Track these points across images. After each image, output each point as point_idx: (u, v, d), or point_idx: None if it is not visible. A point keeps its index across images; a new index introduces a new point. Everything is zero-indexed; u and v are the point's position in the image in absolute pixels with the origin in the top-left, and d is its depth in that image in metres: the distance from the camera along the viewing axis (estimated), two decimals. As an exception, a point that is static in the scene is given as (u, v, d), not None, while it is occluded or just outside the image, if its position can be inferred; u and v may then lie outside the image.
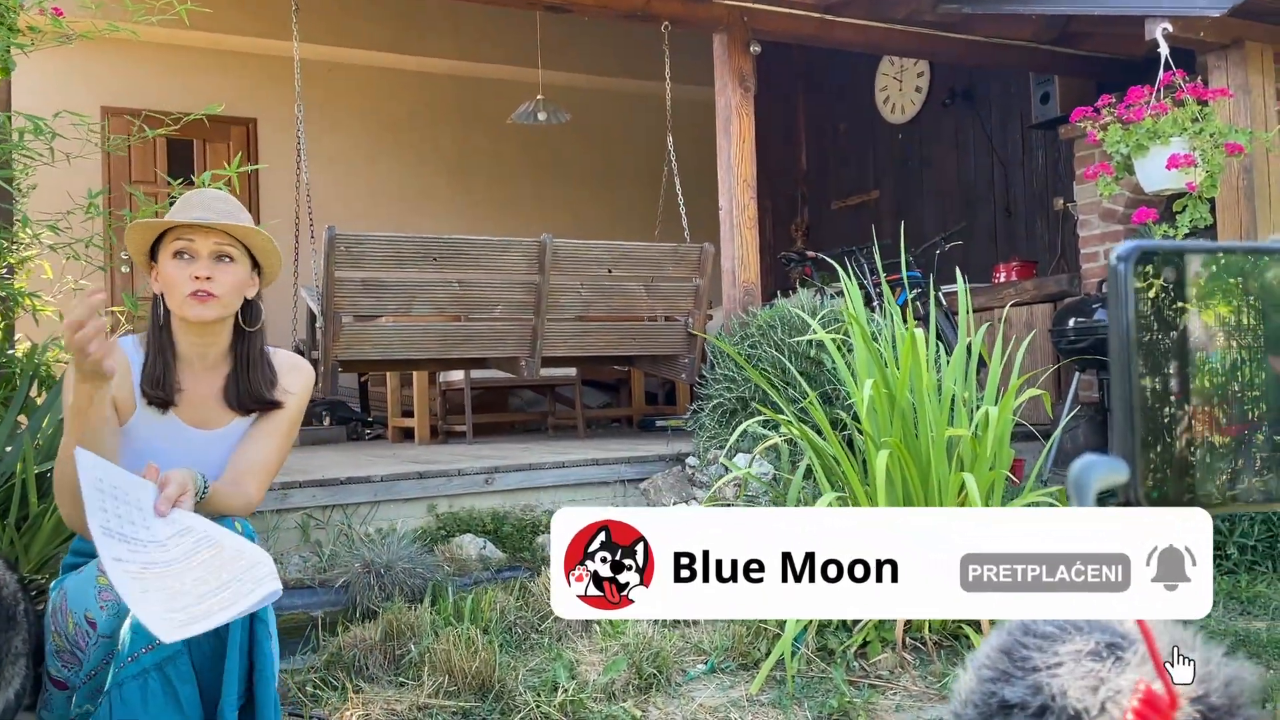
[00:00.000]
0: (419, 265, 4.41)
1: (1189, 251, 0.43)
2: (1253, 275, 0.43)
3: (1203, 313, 0.42)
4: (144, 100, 7.03)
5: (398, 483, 4.12)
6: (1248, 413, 0.43)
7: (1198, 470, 0.42)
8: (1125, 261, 0.42)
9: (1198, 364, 0.42)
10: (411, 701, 2.68)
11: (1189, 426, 0.42)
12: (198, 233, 2.02)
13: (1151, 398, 0.42)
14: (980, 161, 7.88)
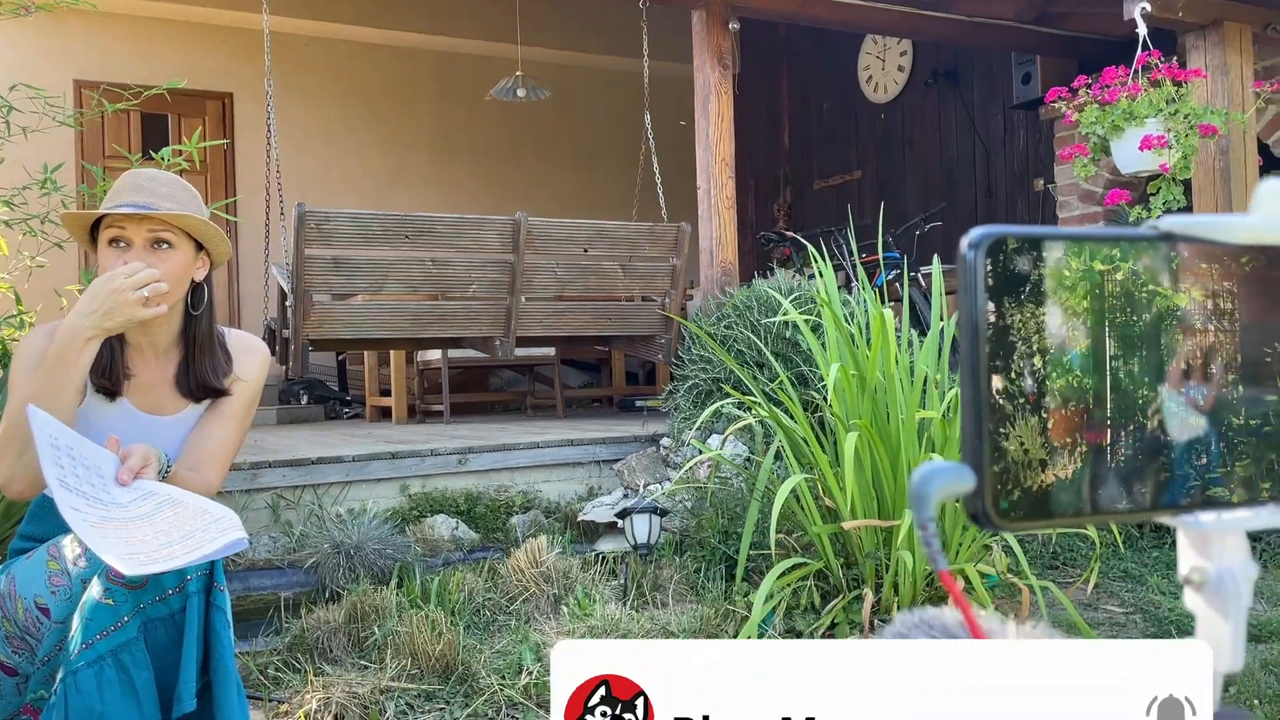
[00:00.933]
0: (391, 243, 4.36)
1: (1048, 239, 0.39)
2: (1120, 265, 0.40)
3: (1063, 306, 0.39)
4: (118, 74, 6.92)
5: (370, 463, 4.09)
6: (1110, 416, 0.39)
7: (1053, 480, 0.39)
8: (975, 249, 0.38)
9: (1056, 363, 0.38)
10: (374, 684, 2.66)
11: (1044, 431, 0.38)
12: (129, 220, 1.94)
13: (1003, 400, 0.38)
14: (962, 142, 7.85)
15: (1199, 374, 0.41)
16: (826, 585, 3.27)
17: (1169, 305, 0.40)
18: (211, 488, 2.01)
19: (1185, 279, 0.41)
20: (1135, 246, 0.40)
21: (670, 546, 3.62)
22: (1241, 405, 0.41)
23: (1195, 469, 0.41)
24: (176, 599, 1.90)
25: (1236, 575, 0.42)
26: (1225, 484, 0.42)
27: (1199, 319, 0.41)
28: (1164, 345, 0.40)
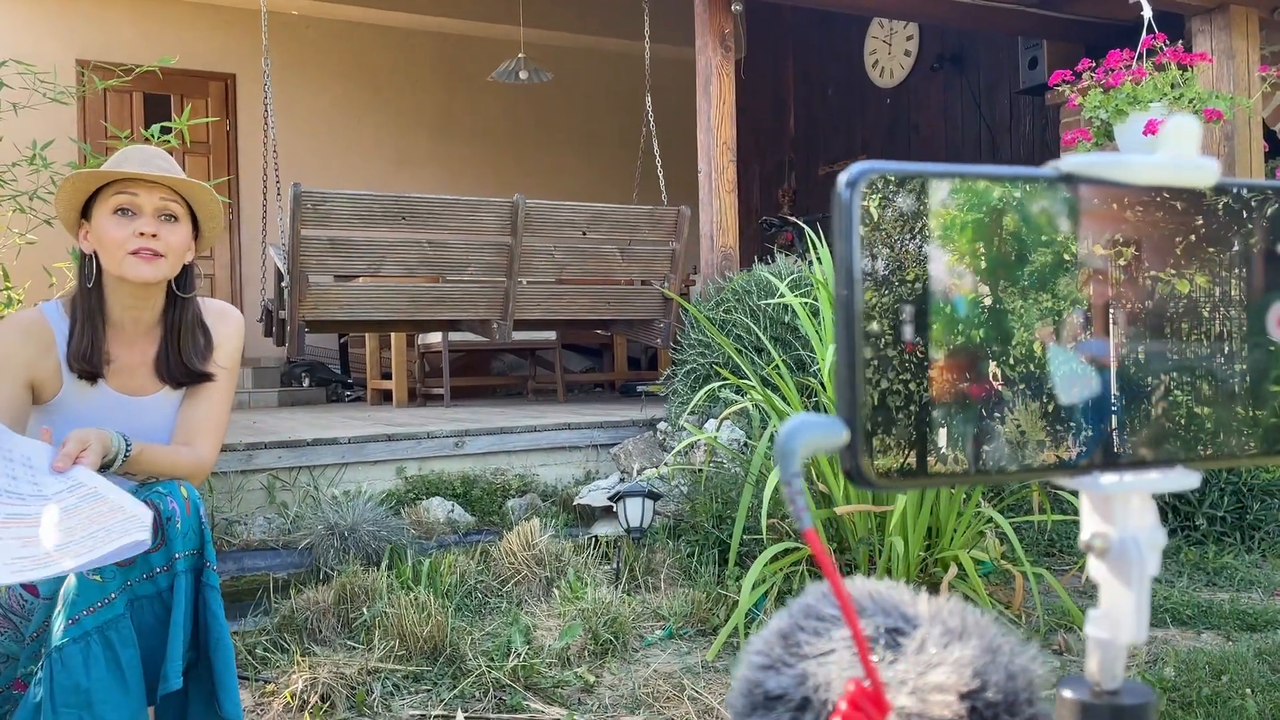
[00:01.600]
0: (388, 224, 4.33)
1: (933, 176, 0.35)
2: (1015, 207, 0.36)
3: (949, 250, 0.35)
4: (121, 54, 6.91)
5: (366, 445, 4.08)
6: (1000, 369, 0.36)
7: (935, 435, 0.36)
8: (851, 188, 0.35)
9: (940, 311, 0.35)
10: (361, 665, 2.65)
11: (926, 384, 0.35)
12: (142, 188, 1.92)
13: (880, 350, 0.35)
14: (968, 127, 7.79)
15: (1101, 325, 0.38)
16: (819, 570, 3.25)
17: (1069, 251, 0.37)
18: (204, 460, 2.00)
19: (1088, 223, 0.37)
20: (1033, 187, 0.37)
21: (665, 531, 3.61)
22: (1147, 359, 0.38)
23: (1095, 427, 0.38)
24: (164, 577, 1.90)
25: (1141, 542, 0.39)
26: (1129, 443, 0.38)
27: (1102, 266, 0.38)
28: (1062, 294, 0.37)
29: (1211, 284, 0.39)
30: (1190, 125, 0.38)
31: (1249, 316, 0.40)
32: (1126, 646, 0.39)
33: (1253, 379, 0.40)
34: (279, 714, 2.53)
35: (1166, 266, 0.38)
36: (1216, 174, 0.38)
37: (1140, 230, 0.38)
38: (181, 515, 1.91)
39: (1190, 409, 0.39)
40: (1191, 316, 0.39)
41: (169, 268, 1.97)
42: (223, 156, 7.72)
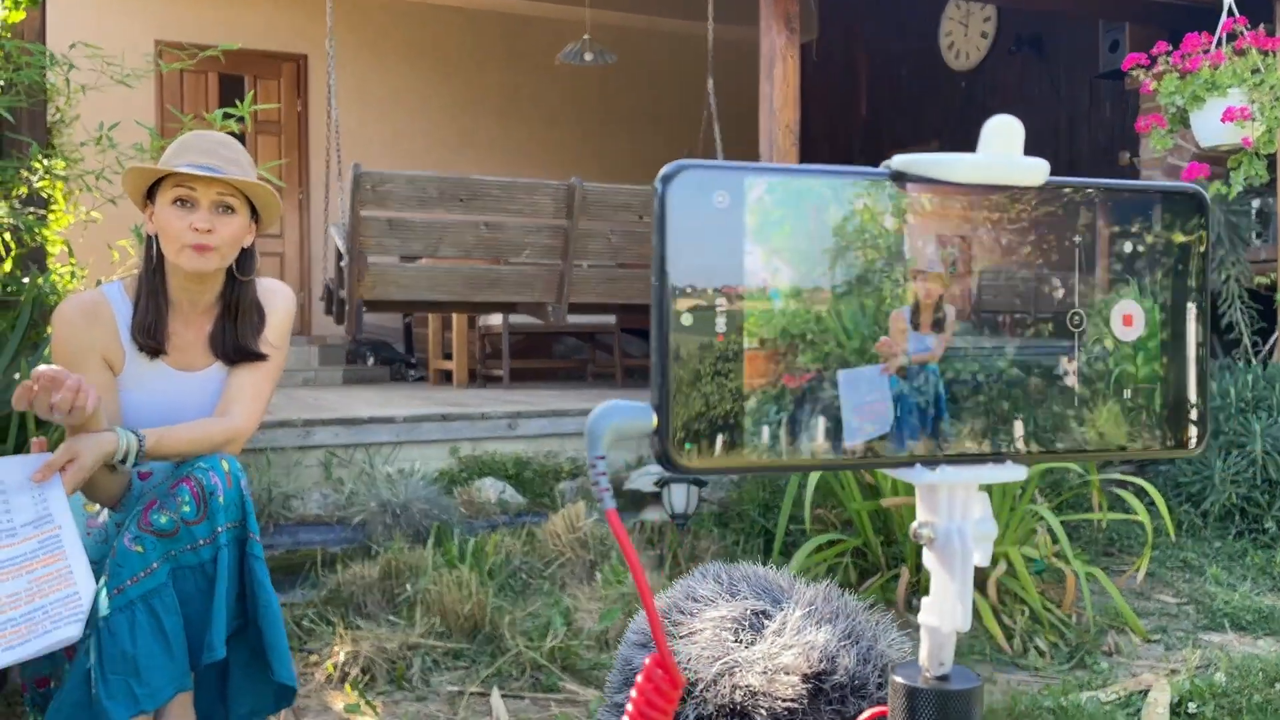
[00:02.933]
0: (446, 206, 4.36)
1: (748, 173, 0.36)
2: (834, 204, 0.37)
3: (765, 245, 0.36)
4: (198, 34, 7.06)
5: (421, 424, 4.13)
6: (816, 361, 0.37)
7: (748, 424, 0.36)
8: (666, 182, 0.36)
9: (755, 303, 0.36)
10: (402, 640, 2.69)
11: (736, 373, 0.36)
12: (199, 181, 1.97)
13: (692, 339, 0.35)
14: (1045, 113, 7.58)
15: (928, 320, 0.38)
16: (865, 563, 3.21)
17: (893, 246, 0.37)
18: (238, 427, 2.01)
19: (916, 220, 0.38)
20: (857, 184, 0.38)
21: (711, 518, 3.59)
22: (975, 355, 0.38)
23: (920, 420, 0.38)
24: (207, 549, 1.94)
25: (966, 532, 0.39)
26: (955, 437, 0.39)
27: (931, 263, 0.38)
28: (886, 288, 0.37)
29: (1047, 282, 0.39)
30: (1014, 125, 0.39)
31: (1090, 315, 0.39)
32: (953, 633, 0.40)
33: (1093, 376, 0.40)
34: (320, 685, 2.58)
35: (999, 264, 0.38)
36: (1045, 173, 0.38)
37: (971, 228, 0.38)
38: (223, 489, 1.95)
39: (1021, 405, 0.39)
40: (1025, 314, 0.39)
41: (221, 259, 2.01)
42: (294, 137, 7.86)
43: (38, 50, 2.92)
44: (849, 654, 0.50)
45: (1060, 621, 2.89)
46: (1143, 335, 0.40)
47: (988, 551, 0.40)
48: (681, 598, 0.55)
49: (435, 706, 2.46)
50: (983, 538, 0.40)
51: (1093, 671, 2.62)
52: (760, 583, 0.54)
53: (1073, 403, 0.39)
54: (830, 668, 0.49)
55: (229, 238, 2.00)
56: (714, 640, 0.51)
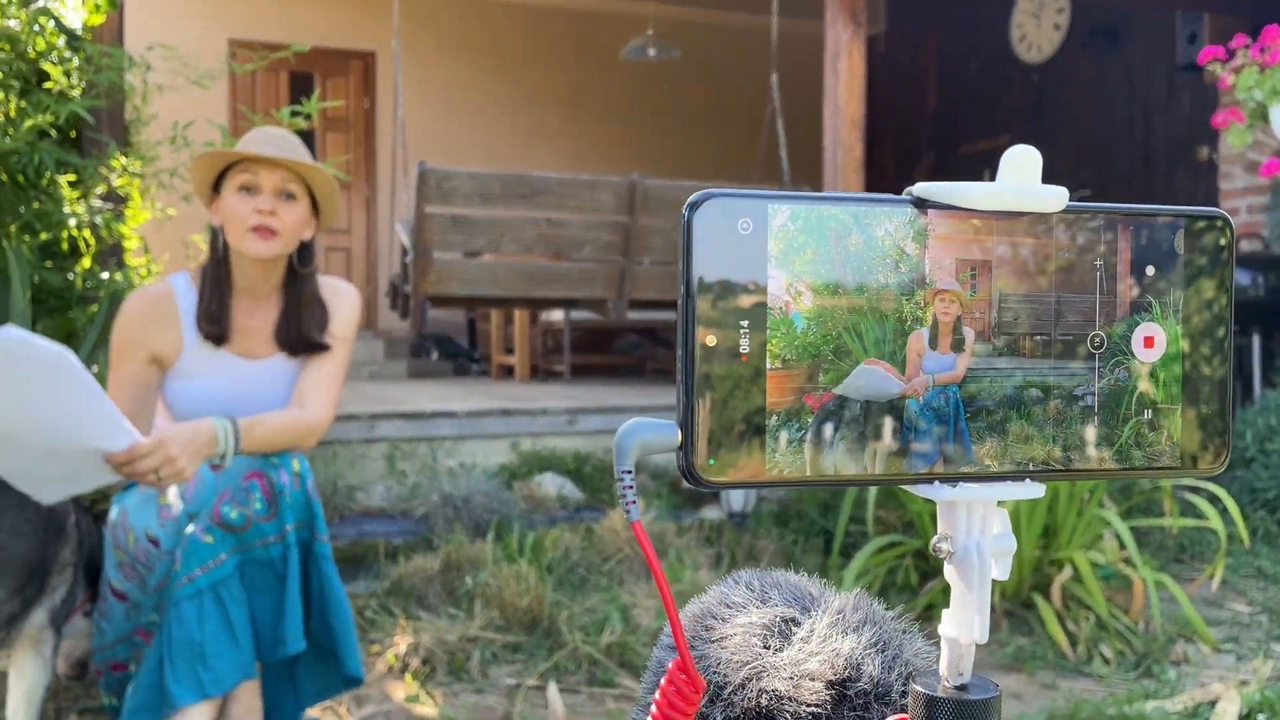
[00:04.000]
0: (508, 203, 4.41)
1: (772, 201, 0.37)
2: (859, 229, 0.38)
3: (788, 269, 0.37)
4: (270, 32, 7.21)
5: (482, 419, 4.18)
6: (838, 381, 0.38)
7: (770, 441, 0.38)
8: (692, 209, 0.37)
9: (778, 325, 0.37)
10: (461, 633, 2.73)
11: (760, 393, 0.37)
12: (263, 167, 2.03)
13: (717, 359, 0.37)
14: (1119, 106, 7.39)
15: (948, 341, 0.39)
16: (927, 565, 3.17)
17: (913, 270, 0.38)
18: (312, 420, 2.05)
19: (937, 245, 0.39)
20: (879, 211, 0.38)
21: (771, 518, 3.58)
22: (994, 375, 0.39)
23: (940, 439, 0.39)
24: (276, 547, 2.00)
25: (984, 547, 0.40)
26: (974, 455, 0.40)
27: (951, 286, 0.39)
28: (906, 310, 0.38)
29: (1068, 304, 0.40)
30: (1032, 155, 0.39)
31: (1110, 336, 0.40)
32: (971, 645, 0.41)
33: (1113, 397, 0.40)
34: (382, 675, 2.63)
35: (1019, 287, 0.39)
36: (1064, 200, 0.39)
37: (991, 253, 0.39)
38: (291, 489, 2.01)
39: (1040, 425, 0.40)
40: (1045, 335, 0.40)
41: (283, 245, 2.06)
42: (361, 133, 7.99)
43: (117, 53, 3.01)
44: (874, 662, 0.51)
45: (1127, 629, 2.83)
46: (1164, 357, 0.40)
47: (1006, 566, 0.41)
48: (715, 603, 0.57)
49: (493, 699, 2.49)
50: (1002, 553, 0.41)
51: (1159, 681, 2.57)
52: (791, 590, 0.56)
53: (1093, 423, 0.40)
54: (855, 675, 0.51)
55: (291, 223, 2.05)
56: (743, 646, 0.53)
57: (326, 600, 2.06)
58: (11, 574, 1.79)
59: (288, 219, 2.05)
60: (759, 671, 0.51)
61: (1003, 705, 0.41)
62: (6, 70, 2.72)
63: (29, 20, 2.76)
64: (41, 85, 2.88)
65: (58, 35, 2.88)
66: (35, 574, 1.87)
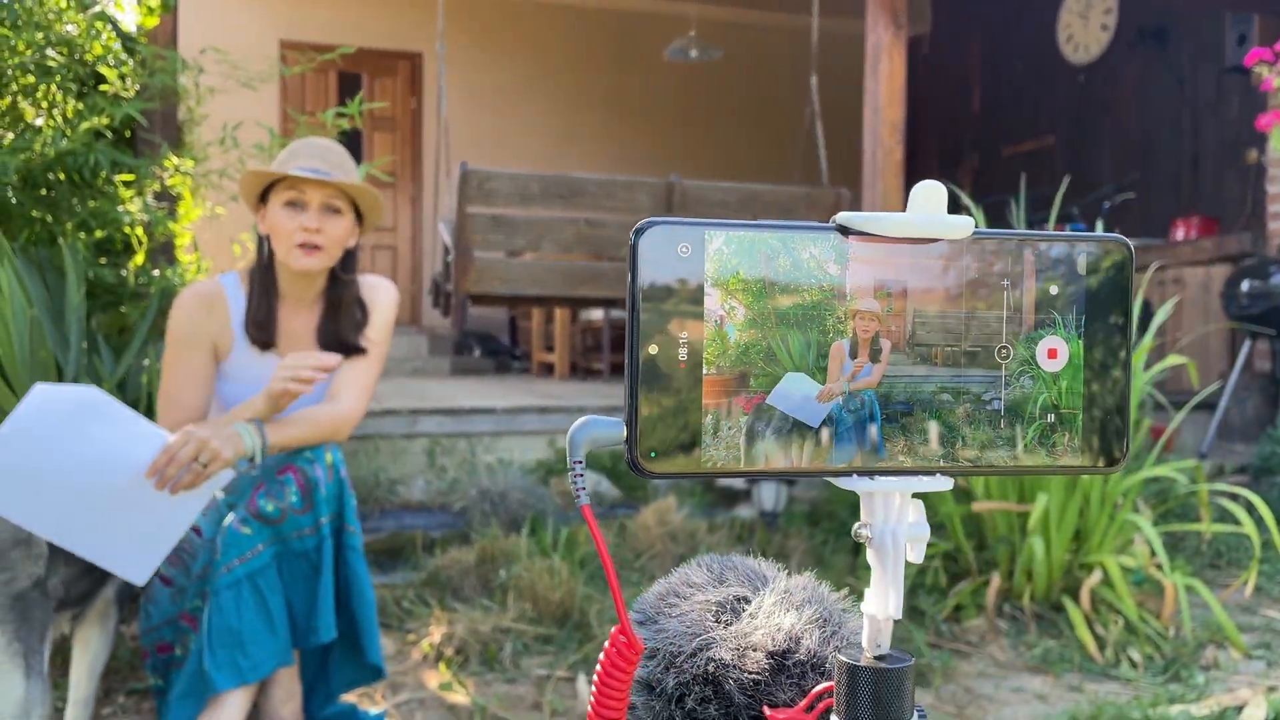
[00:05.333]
0: (547, 203, 4.47)
1: (708, 228, 0.42)
2: (786, 253, 0.42)
3: (719, 287, 0.42)
4: (320, 34, 7.35)
5: (520, 415, 4.25)
6: (765, 384, 0.42)
7: (706, 437, 0.42)
8: (638, 235, 0.42)
9: (713, 335, 0.42)
10: (495, 624, 2.80)
11: (695, 394, 0.42)
12: (309, 184, 2.10)
13: (657, 365, 0.42)
14: (1167, 107, 7.30)
15: (866, 351, 0.43)
16: (956, 567, 3.19)
17: (836, 288, 0.43)
18: (345, 413, 2.12)
19: (856, 267, 0.43)
20: (805, 236, 0.42)
21: (802, 518, 3.61)
22: (908, 382, 0.44)
23: (859, 437, 0.43)
24: (311, 539, 2.07)
25: (899, 534, 0.45)
26: (889, 452, 0.44)
27: (871, 303, 0.43)
28: (829, 324, 0.43)
29: (976, 319, 0.44)
30: (938, 189, 0.43)
31: (1017, 348, 0.44)
32: (889, 620, 0.46)
33: (1018, 403, 0.44)
34: (417, 663, 2.70)
35: (931, 304, 0.43)
36: (971, 228, 0.43)
37: (906, 273, 0.43)
38: (325, 482, 2.07)
39: (949, 427, 0.44)
40: (955, 347, 0.44)
41: (328, 258, 2.13)
42: (407, 133, 8.11)
43: (171, 55, 3.11)
44: (812, 636, 0.57)
45: (1157, 633, 2.83)
46: (1066, 367, 0.44)
47: (921, 550, 0.46)
48: (678, 583, 0.63)
49: (524, 688, 2.55)
50: (916, 539, 0.45)
51: (1187, 685, 2.56)
52: (747, 572, 0.62)
53: (999, 425, 0.44)
54: (794, 647, 0.56)
55: (335, 238, 2.12)
56: (697, 621, 0.58)
57: (351, 590, 2.13)
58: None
59: (332, 233, 2.12)
60: (708, 643, 0.57)
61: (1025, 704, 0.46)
62: (64, 74, 2.82)
63: (87, 25, 2.86)
64: (98, 88, 2.98)
65: (114, 39, 2.98)
66: None
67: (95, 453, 1.74)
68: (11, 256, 2.50)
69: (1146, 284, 5.17)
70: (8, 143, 2.70)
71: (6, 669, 1.60)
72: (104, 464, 1.76)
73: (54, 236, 2.82)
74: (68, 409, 1.68)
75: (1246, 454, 4.60)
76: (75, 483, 1.73)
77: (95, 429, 1.72)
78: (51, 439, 1.68)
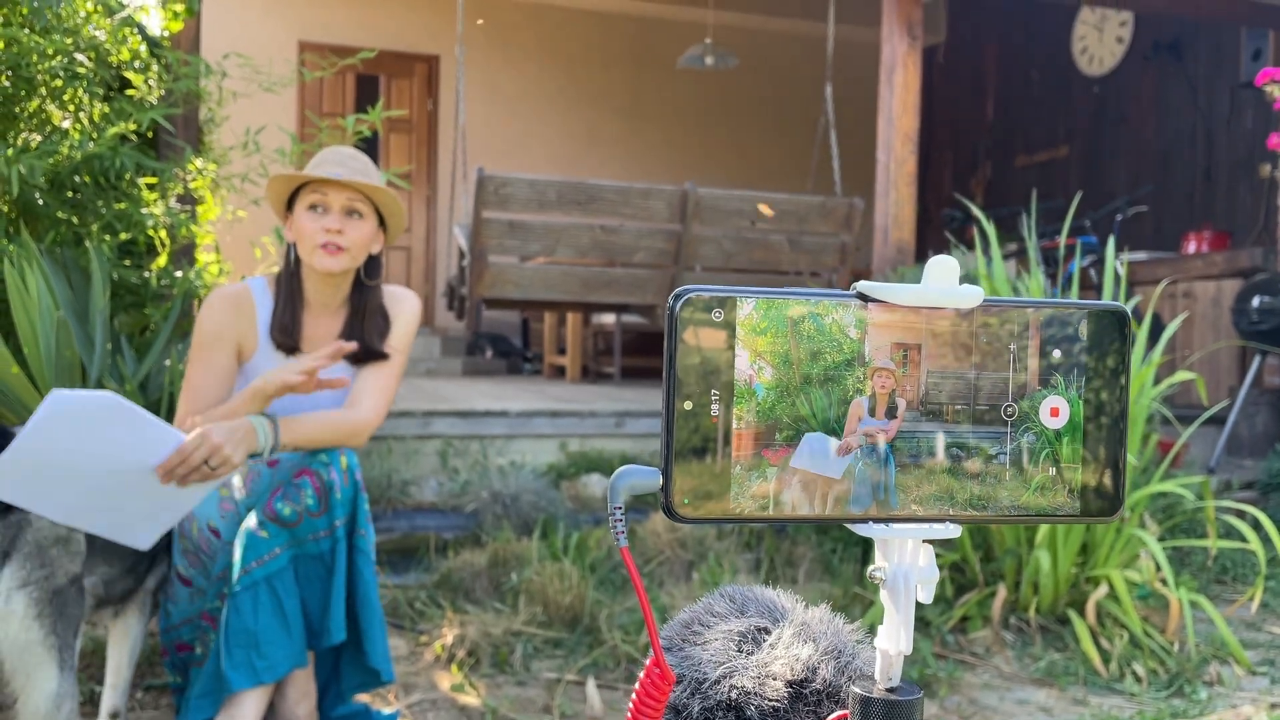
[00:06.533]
0: (563, 209, 4.51)
1: (740, 295, 0.46)
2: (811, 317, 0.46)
3: (752, 349, 0.45)
4: (339, 35, 7.42)
5: (532, 419, 4.28)
6: (791, 439, 0.46)
7: (737, 486, 0.46)
8: (676, 301, 0.46)
9: (743, 393, 0.45)
10: (506, 627, 2.83)
11: (726, 447, 0.46)
12: (331, 188, 2.15)
13: (693, 419, 0.45)
14: (1181, 121, 7.31)
15: (883, 409, 0.47)
16: (963, 578, 3.21)
17: (856, 350, 0.47)
18: (363, 419, 2.16)
19: (874, 331, 0.47)
20: (829, 303, 0.46)
21: (810, 525, 3.64)
22: (921, 436, 0.48)
23: (875, 487, 0.47)
24: (326, 541, 2.11)
25: (910, 577, 0.49)
26: (902, 501, 0.48)
27: (887, 364, 0.47)
28: (849, 383, 0.47)
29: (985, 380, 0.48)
30: (950, 263, 0.47)
31: (1022, 406, 0.48)
32: (900, 655, 0.49)
33: (1023, 457, 0.48)
34: (429, 664, 2.74)
35: (944, 365, 0.47)
36: (980, 298, 0.47)
37: (921, 337, 0.47)
38: (340, 485, 2.12)
39: (958, 479, 0.48)
40: (965, 405, 0.48)
41: (351, 260, 2.18)
42: (424, 135, 8.16)
43: (194, 61, 3.15)
44: (828, 667, 0.61)
45: (1162, 648, 2.85)
46: (1067, 425, 0.48)
47: (930, 592, 0.49)
48: (702, 612, 0.67)
49: (534, 691, 2.58)
50: (926, 581, 0.49)
51: (1190, 700, 2.59)
52: (767, 604, 0.66)
53: (1004, 478, 0.48)
54: (810, 677, 0.60)
55: (357, 240, 2.17)
56: (721, 649, 0.62)
57: (357, 594, 2.17)
58: (123, 554, 1.95)
59: (354, 236, 2.16)
60: (731, 671, 0.61)
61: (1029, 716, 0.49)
62: (91, 78, 2.87)
63: (114, 30, 2.91)
64: (124, 91, 3.03)
65: (140, 42, 3.02)
66: (145, 554, 2.02)
67: (109, 451, 1.78)
68: (39, 258, 2.55)
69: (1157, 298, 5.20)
70: (35, 145, 2.74)
71: (43, 661, 1.65)
72: (117, 461, 1.80)
73: (79, 238, 2.87)
74: (83, 413, 1.72)
75: (1255, 469, 4.61)
76: (88, 477, 1.78)
77: (110, 430, 1.76)
78: (66, 441, 1.73)
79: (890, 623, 0.49)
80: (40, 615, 1.66)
